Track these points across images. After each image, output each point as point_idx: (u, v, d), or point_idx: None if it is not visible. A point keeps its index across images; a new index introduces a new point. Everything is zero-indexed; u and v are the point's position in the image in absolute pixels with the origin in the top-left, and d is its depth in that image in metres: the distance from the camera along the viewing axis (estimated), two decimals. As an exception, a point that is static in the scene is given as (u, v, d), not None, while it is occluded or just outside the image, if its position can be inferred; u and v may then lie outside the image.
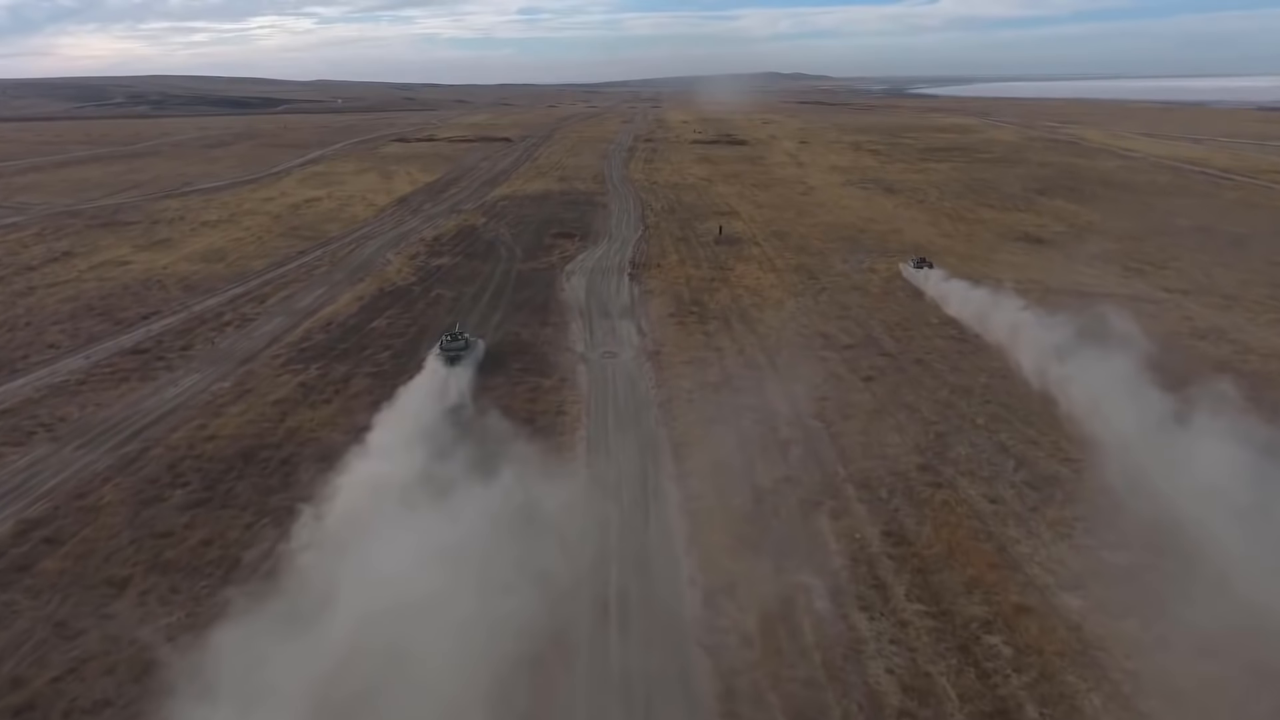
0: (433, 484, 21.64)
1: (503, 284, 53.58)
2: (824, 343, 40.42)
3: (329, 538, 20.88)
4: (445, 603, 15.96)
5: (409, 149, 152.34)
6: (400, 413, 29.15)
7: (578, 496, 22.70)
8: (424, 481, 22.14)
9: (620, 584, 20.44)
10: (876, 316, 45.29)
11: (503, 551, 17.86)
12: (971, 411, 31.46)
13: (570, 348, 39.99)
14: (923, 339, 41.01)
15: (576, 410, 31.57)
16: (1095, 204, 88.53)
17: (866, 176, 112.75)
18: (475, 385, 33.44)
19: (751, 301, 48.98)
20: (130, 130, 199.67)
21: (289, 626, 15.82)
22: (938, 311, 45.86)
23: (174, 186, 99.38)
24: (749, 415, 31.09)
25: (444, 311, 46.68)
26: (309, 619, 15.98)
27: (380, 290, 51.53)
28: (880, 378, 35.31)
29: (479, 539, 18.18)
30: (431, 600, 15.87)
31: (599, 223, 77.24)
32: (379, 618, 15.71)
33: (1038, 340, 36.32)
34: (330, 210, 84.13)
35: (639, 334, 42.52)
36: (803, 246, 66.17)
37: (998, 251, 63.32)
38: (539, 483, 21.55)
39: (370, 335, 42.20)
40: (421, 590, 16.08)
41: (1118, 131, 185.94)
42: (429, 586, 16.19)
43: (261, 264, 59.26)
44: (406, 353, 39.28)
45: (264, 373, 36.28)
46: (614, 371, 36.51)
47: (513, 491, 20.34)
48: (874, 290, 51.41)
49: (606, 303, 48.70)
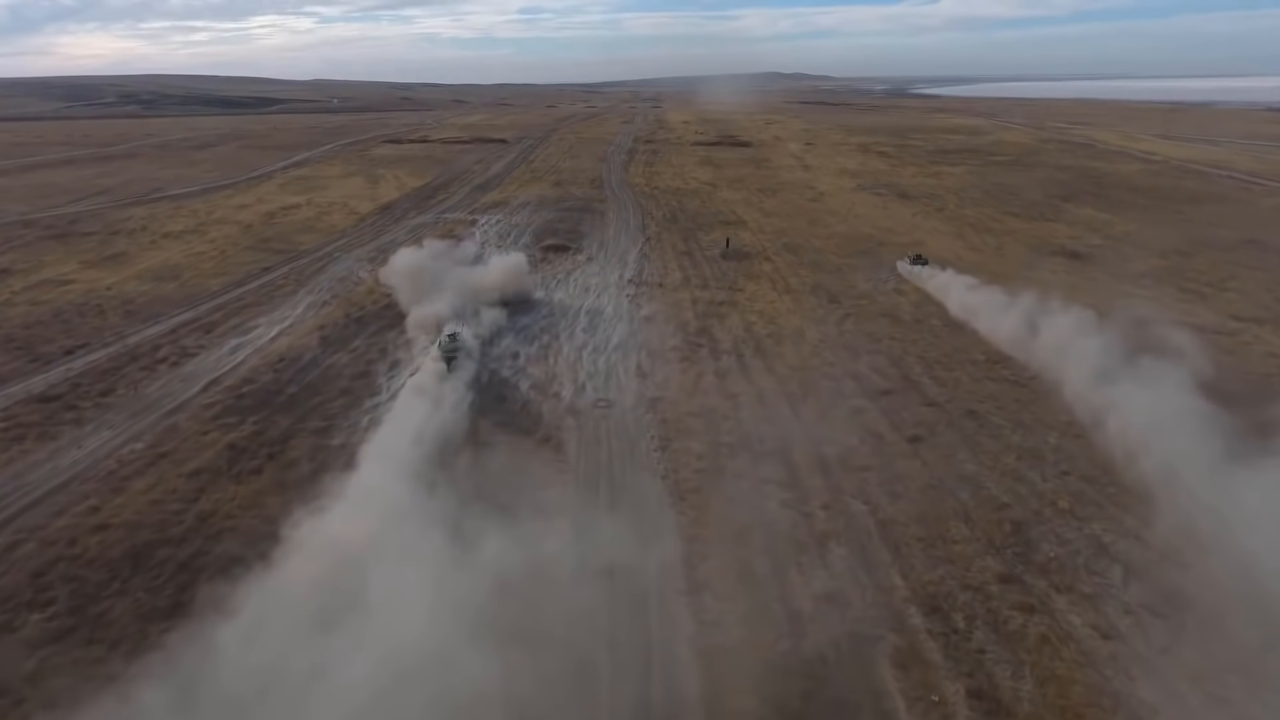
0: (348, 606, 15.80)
1: (486, 308, 47.53)
2: (856, 387, 34.39)
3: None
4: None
5: (400, 151, 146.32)
6: (340, 492, 23.09)
7: (553, 641, 16.70)
8: (342, 613, 16.26)
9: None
10: (912, 351, 39.27)
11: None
12: (1050, 489, 25.47)
13: (556, 393, 33.96)
14: (971, 381, 35.00)
15: (560, 488, 25.51)
16: (1126, 212, 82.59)
17: (878, 181, 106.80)
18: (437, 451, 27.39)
19: (766, 331, 42.97)
20: (115, 130, 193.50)
21: None
22: (982, 344, 39.88)
23: (144, 192, 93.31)
24: (774, 494, 25.11)
25: (415, 341, 40.72)
26: None
27: (347, 316, 45.47)
28: (929, 437, 29.30)
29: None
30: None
31: (596, 233, 71.23)
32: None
33: (1109, 387, 30.42)
34: (307, 219, 78.09)
35: (638, 374, 36.48)
36: (818, 262, 60.15)
37: (1035, 269, 57.16)
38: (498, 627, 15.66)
39: (326, 376, 36.16)
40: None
41: (1130, 133, 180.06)
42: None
43: (219, 283, 53.20)
44: (364, 396, 33.31)
45: (189, 429, 30.24)
46: (609, 429, 30.47)
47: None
48: (904, 317, 45.39)
49: (600, 333, 42.66)
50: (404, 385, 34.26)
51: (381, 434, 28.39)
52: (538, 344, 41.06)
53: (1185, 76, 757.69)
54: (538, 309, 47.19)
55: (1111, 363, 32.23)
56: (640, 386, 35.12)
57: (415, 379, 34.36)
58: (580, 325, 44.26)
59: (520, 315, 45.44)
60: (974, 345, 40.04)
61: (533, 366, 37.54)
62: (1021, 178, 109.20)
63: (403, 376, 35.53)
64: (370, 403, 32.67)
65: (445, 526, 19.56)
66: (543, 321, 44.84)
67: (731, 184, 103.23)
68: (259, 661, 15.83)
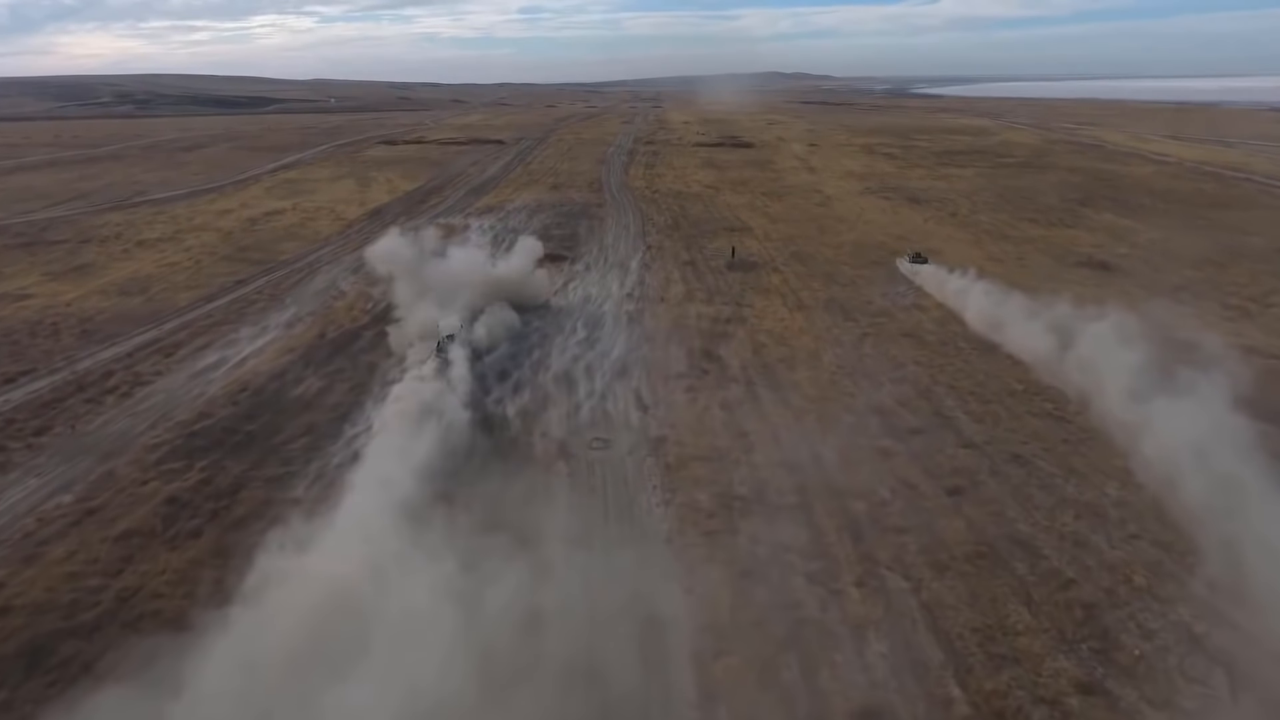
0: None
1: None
2: (881, 424, 30.70)
3: None
4: None
5: (394, 152, 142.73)
6: (279, 573, 19.34)
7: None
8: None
9: None
10: (941, 379, 35.58)
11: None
12: (1119, 558, 21.79)
13: (546, 431, 30.27)
14: (1010, 417, 31.31)
15: (545, 570, 21.65)
16: (1148, 218, 78.91)
17: (886, 184, 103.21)
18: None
19: (778, 354, 39.29)
20: (105, 131, 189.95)
21: None
22: (1018, 370, 36.17)
23: (125, 196, 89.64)
24: (798, 564, 21.43)
25: (394, 366, 37.02)
26: None
27: (321, 336, 41.79)
28: (971, 489, 25.62)
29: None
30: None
31: (594, 241, 67.57)
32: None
33: (1171, 427, 26.71)
34: (291, 225, 74.43)
35: (638, 406, 32.79)
36: (830, 273, 56.46)
37: (1061, 281, 53.44)
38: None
39: (290, 408, 32.48)
40: None
41: (1139, 133, 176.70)
42: None
43: (188, 297, 49.53)
44: (330, 437, 29.62)
45: (127, 477, 26.57)
46: (604, 475, 26.81)
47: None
48: (928, 337, 41.71)
49: (597, 356, 38.97)
50: (376, 423, 30.55)
51: (342, 488, 24.67)
52: (527, 365, 37.41)
53: (1187, 76, 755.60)
54: (529, 326, 43.51)
55: (1171, 398, 28.55)
56: (641, 421, 31.44)
57: (391, 411, 30.64)
58: (575, 345, 40.59)
59: (509, 334, 41.78)
60: (1008, 371, 36.36)
61: (521, 395, 33.86)
62: (1033, 180, 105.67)
63: (377, 409, 31.82)
64: (335, 446, 28.97)
65: (394, 629, 15.91)
66: (534, 340, 41.17)
67: (735, 187, 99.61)
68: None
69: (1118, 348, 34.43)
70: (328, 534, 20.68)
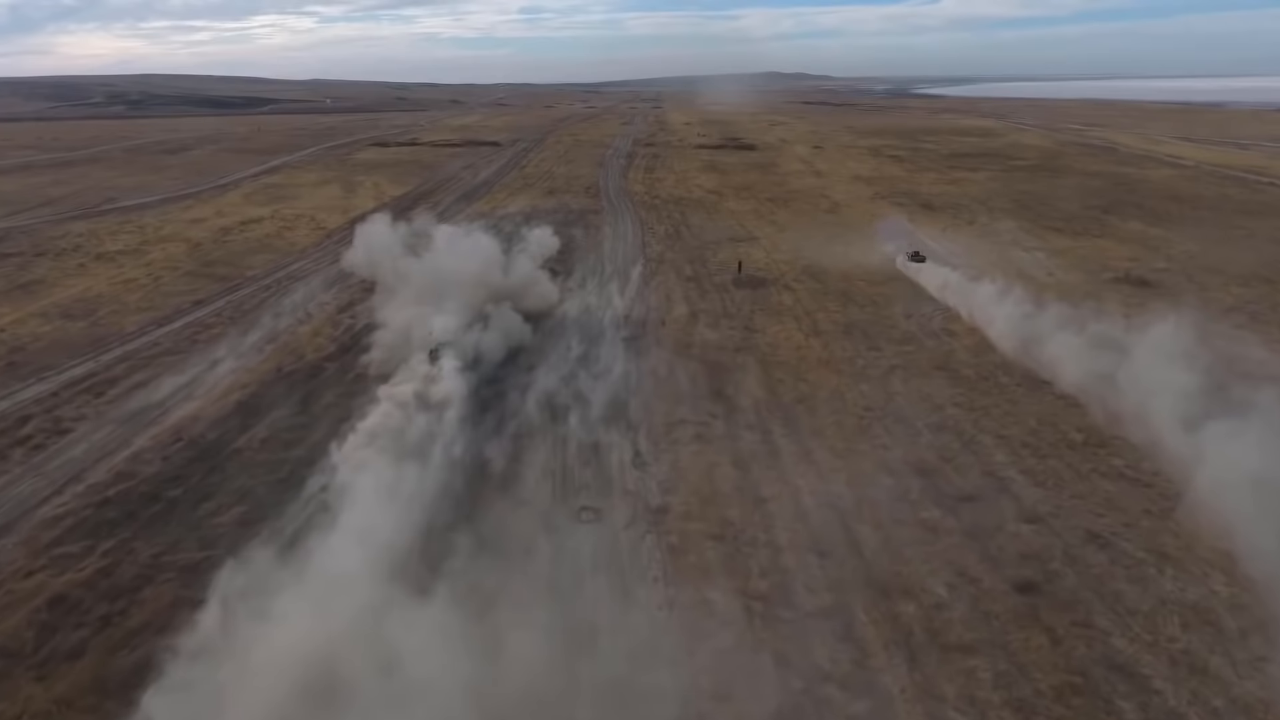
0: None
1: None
2: (925, 488, 25.86)
3: None
4: None
5: (385, 155, 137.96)
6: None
7: None
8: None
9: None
10: (986, 425, 30.75)
11: None
12: (1252, 694, 16.98)
13: (527, 500, 25.39)
14: (1076, 478, 26.48)
15: (517, 682, 16.91)
16: (1178, 226, 74.17)
17: (896, 189, 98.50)
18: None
19: (796, 392, 34.43)
20: (90, 133, 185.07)
21: None
22: (1073, 414, 31.31)
23: (94, 203, 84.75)
24: (841, 703, 16.63)
25: (362, 407, 32.05)
26: None
27: (278, 371, 36.92)
28: (1046, 584, 20.78)
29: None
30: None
31: (589, 253, 62.78)
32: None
33: (1268, 491, 21.92)
34: (266, 235, 69.59)
35: (635, 462, 27.94)
36: (846, 291, 51.64)
37: (1100, 301, 48.65)
38: None
39: (227, 466, 27.64)
40: None
41: (1149, 135, 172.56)
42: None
43: (137, 321, 44.69)
44: (268, 507, 24.74)
45: (10, 566, 21.66)
46: (595, 560, 21.98)
47: None
48: (964, 370, 36.87)
49: (589, 394, 34.10)
50: (333, 482, 25.69)
51: (274, 584, 19.76)
52: (509, 404, 32.57)
53: (1188, 77, 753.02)
54: (512, 356, 38.66)
55: (1273, 459, 23.74)
56: (639, 482, 26.59)
57: (346, 474, 25.72)
58: (563, 379, 35.73)
59: (490, 366, 36.92)
60: (1063, 415, 31.52)
61: (500, 445, 29.00)
62: (1049, 185, 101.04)
63: (333, 468, 26.89)
64: (276, 516, 24.10)
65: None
66: (519, 373, 36.31)
67: (738, 192, 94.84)
68: None
69: (1187, 388, 29.64)
70: (230, 665, 15.84)
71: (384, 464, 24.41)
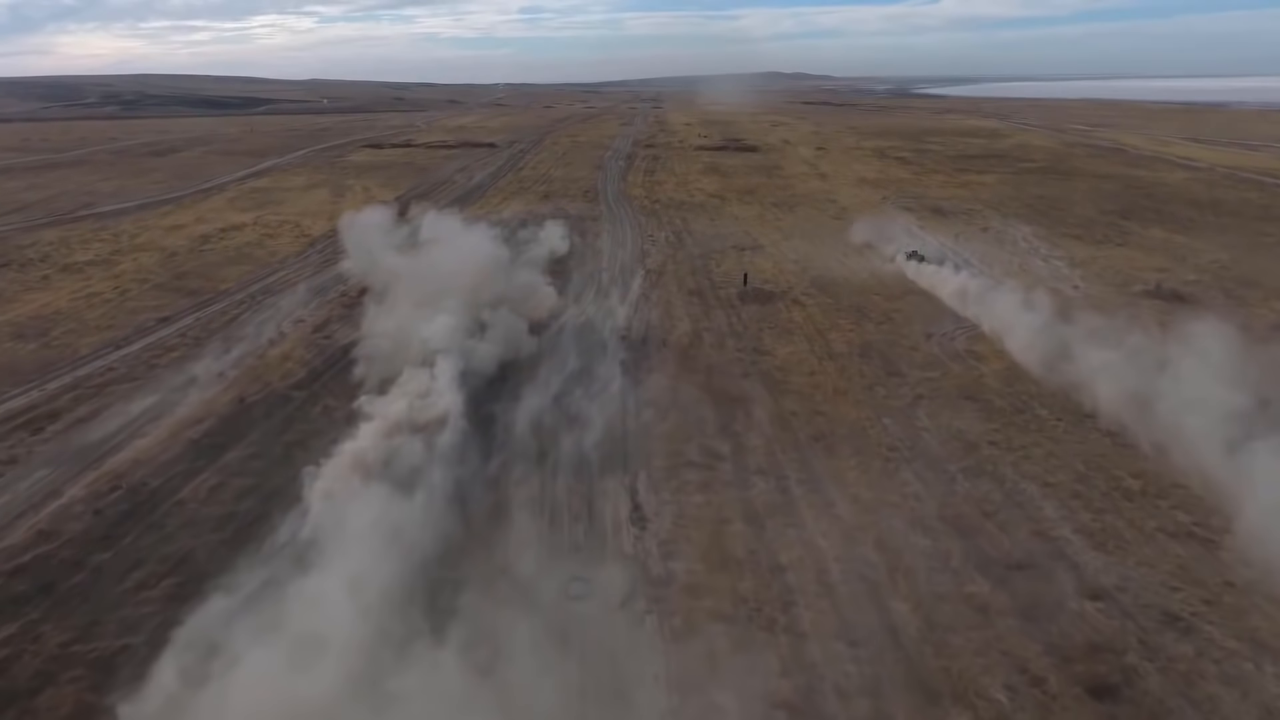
0: None
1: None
2: (967, 553, 22.39)
3: None
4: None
5: (378, 157, 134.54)
6: None
7: None
8: None
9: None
10: (1028, 470, 27.28)
11: None
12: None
13: (508, 566, 21.88)
14: (1141, 539, 22.98)
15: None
16: (1203, 234, 70.81)
17: (904, 192, 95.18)
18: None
19: (813, 429, 30.94)
20: (80, 134, 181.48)
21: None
22: (1124, 455, 27.85)
23: (70, 209, 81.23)
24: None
25: (328, 444, 28.52)
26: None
27: (239, 402, 33.42)
28: (1125, 688, 17.28)
29: None
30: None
31: (586, 263, 59.38)
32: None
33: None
34: (246, 244, 66.13)
35: (634, 519, 24.45)
36: (860, 306, 48.20)
37: (1134, 319, 45.22)
38: None
39: (169, 521, 24.14)
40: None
41: (1156, 136, 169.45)
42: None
43: (94, 343, 41.21)
44: (205, 580, 21.20)
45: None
46: (582, 653, 18.49)
47: None
48: (996, 400, 33.40)
49: (580, 428, 30.61)
50: (283, 548, 22.27)
51: (195, 687, 16.32)
52: (492, 439, 29.11)
53: (1189, 76, 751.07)
54: (496, 383, 35.18)
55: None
56: (637, 544, 23.11)
57: (304, 542, 22.24)
58: (551, 412, 32.24)
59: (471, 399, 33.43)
60: (1113, 457, 28.04)
61: (481, 496, 25.55)
62: (1062, 188, 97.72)
63: (292, 527, 23.43)
64: (214, 588, 20.60)
65: None
66: (502, 404, 32.79)
67: (741, 196, 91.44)
68: None
69: (1253, 428, 26.25)
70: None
71: (336, 536, 20.89)
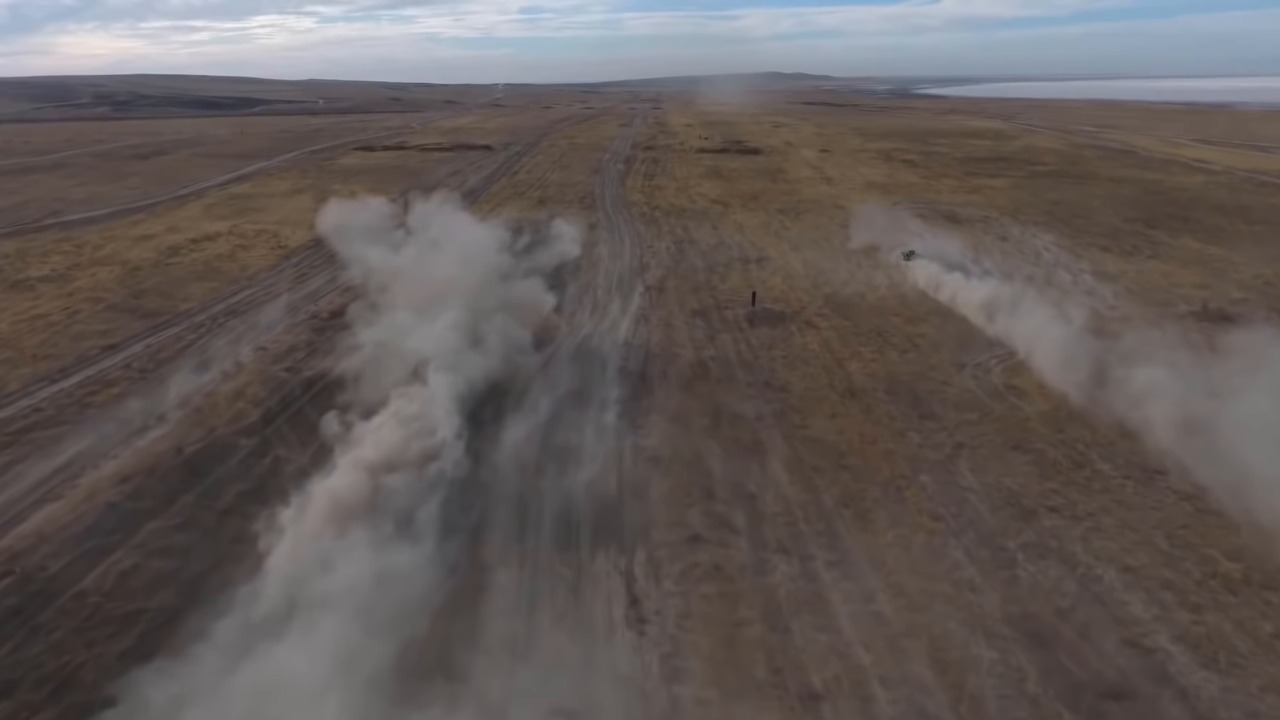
0: None
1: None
2: (1046, 673, 17.90)
3: None
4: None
5: (369, 160, 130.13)
6: None
7: None
8: None
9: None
10: (1101, 549, 22.81)
11: None
12: None
13: (484, 692, 17.44)
14: (1257, 650, 18.53)
15: None
16: (1236, 244, 66.44)
17: (914, 197, 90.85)
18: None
19: (838, 486, 26.48)
20: (65, 135, 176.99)
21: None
22: (1218, 532, 23.43)
23: (35, 218, 76.70)
24: None
25: (270, 514, 24.06)
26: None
27: (176, 453, 28.91)
28: None
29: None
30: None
31: (581, 277, 54.92)
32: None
33: None
34: (217, 256, 61.63)
35: (631, 619, 20.00)
36: (881, 329, 43.78)
37: (1186, 346, 40.83)
38: None
39: (62, 623, 19.67)
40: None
41: (1166, 137, 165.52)
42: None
43: (26, 376, 36.66)
44: (89, 713, 16.80)
45: None
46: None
47: None
48: (1048, 451, 28.93)
49: (568, 491, 26.16)
50: (204, 653, 17.82)
51: None
52: (464, 502, 24.68)
53: (1189, 77, 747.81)
54: (476, 429, 30.72)
55: None
56: (634, 656, 18.67)
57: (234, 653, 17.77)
58: (536, 466, 27.83)
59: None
60: (1200, 529, 23.58)
61: (449, 584, 21.12)
62: (1078, 193, 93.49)
63: (208, 633, 19.01)
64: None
65: None
66: (478, 465, 28.31)
67: (745, 202, 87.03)
68: None
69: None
70: None
71: (248, 651, 16.46)
